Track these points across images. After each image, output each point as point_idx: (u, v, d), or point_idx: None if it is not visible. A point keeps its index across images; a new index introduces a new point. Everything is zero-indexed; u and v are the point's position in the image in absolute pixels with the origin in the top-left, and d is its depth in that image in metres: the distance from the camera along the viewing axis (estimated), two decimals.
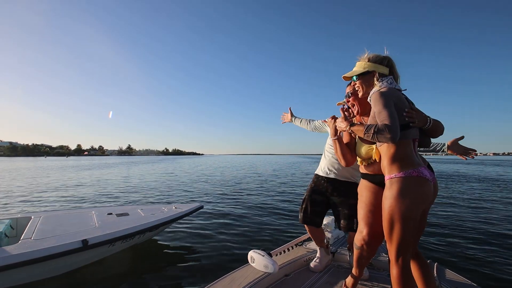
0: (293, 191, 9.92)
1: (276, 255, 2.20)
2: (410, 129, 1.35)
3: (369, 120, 1.42)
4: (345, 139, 1.76)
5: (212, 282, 1.77)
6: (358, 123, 1.46)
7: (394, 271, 1.31)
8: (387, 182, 1.32)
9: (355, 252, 1.64)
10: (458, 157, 1.65)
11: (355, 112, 1.79)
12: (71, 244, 2.61)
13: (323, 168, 2.17)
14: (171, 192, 9.95)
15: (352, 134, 1.63)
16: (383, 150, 1.37)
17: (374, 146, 1.52)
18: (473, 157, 1.62)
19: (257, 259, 1.87)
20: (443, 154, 1.66)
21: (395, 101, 1.33)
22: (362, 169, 1.66)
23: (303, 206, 2.15)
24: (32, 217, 3.45)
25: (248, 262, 1.96)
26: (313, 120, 2.42)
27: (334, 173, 2.10)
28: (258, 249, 1.98)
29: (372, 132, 1.24)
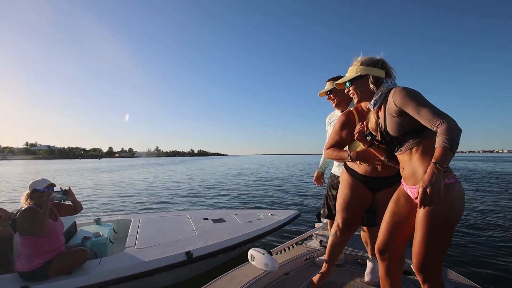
0: (295, 191, 9.92)
1: (276, 253, 2.22)
2: None
3: (391, 122, 1.28)
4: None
5: (212, 280, 1.79)
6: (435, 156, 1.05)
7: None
8: None
9: (330, 239, 1.77)
10: None
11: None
12: (175, 257, 2.40)
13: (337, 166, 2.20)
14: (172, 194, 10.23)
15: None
16: (418, 155, 1.22)
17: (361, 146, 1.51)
18: None
19: (257, 257, 1.90)
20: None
21: None
22: (355, 167, 1.65)
23: (325, 201, 2.20)
24: (132, 220, 3.46)
25: (248, 260, 1.99)
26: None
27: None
28: (258, 247, 2.01)
29: (452, 142, 1.01)
